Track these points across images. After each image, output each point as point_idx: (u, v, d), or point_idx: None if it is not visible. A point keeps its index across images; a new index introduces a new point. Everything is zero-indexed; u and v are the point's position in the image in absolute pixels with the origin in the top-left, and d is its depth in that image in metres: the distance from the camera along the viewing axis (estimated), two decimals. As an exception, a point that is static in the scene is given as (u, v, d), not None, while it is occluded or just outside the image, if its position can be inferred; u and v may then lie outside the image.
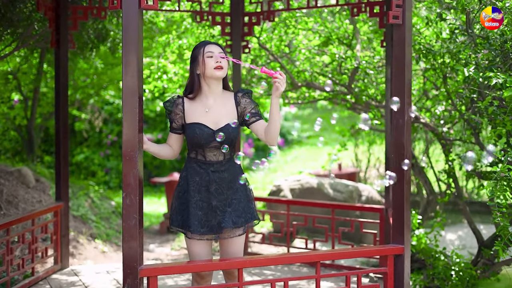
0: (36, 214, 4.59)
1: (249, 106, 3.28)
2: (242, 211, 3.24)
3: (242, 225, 3.24)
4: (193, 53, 3.27)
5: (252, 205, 3.32)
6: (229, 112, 3.26)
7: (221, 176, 3.23)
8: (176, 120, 3.28)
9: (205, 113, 3.24)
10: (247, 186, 3.32)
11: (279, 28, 5.89)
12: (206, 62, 3.19)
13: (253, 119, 3.26)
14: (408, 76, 3.46)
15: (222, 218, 3.20)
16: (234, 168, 3.29)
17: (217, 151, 3.24)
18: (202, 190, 3.23)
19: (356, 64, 5.32)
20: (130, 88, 2.91)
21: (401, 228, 3.47)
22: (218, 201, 3.22)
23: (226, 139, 3.19)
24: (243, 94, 3.31)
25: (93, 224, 6.92)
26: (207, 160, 3.24)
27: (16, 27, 5.20)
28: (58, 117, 4.95)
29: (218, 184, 3.22)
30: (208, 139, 3.19)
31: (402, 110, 3.44)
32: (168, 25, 7.37)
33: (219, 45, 3.29)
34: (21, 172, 6.49)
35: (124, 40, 2.90)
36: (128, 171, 2.91)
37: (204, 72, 3.21)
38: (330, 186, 6.85)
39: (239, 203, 3.24)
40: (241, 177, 3.23)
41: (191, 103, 3.28)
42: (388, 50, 4.74)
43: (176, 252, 6.62)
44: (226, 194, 3.24)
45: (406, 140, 3.45)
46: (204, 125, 3.21)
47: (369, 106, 5.55)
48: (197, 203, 3.22)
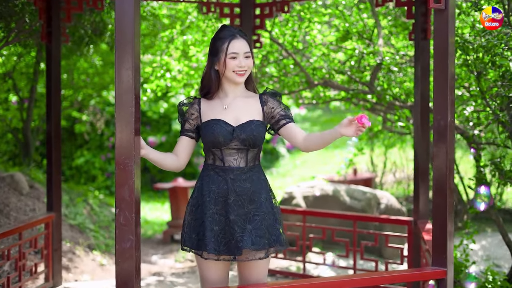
0: (23, 227, 4.10)
1: (277, 107, 2.80)
2: (265, 231, 2.70)
3: (264, 248, 2.69)
4: (215, 45, 2.77)
5: (279, 226, 2.78)
6: (253, 110, 2.78)
7: (242, 185, 2.72)
8: (191, 120, 2.80)
9: (224, 110, 2.76)
10: (274, 204, 2.80)
11: (293, 22, 5.38)
12: (227, 63, 2.72)
13: (283, 121, 2.78)
14: (452, 69, 2.97)
15: (241, 237, 2.67)
16: (258, 178, 2.77)
17: (238, 155, 2.74)
18: (219, 201, 2.72)
19: (379, 60, 4.81)
20: (124, 83, 2.42)
21: (443, 248, 2.97)
22: (236, 215, 2.69)
23: (248, 138, 2.70)
24: (271, 94, 2.83)
25: (91, 233, 6.43)
26: (226, 165, 2.73)
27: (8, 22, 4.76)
28: (49, 118, 4.47)
29: (238, 195, 2.71)
30: (227, 136, 2.70)
31: (444, 110, 2.95)
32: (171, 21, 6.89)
33: (247, 40, 2.79)
34: (14, 178, 6.01)
35: (117, 26, 2.41)
36: (122, 183, 2.42)
37: (224, 72, 2.75)
38: (347, 193, 6.33)
39: (263, 221, 2.71)
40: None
41: (208, 102, 2.81)
42: (417, 44, 4.23)
43: (180, 265, 6.12)
44: (247, 208, 2.71)
45: (449, 145, 2.95)
46: (223, 121, 2.73)
47: (393, 107, 5.04)
48: (213, 216, 2.70)
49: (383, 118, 5.88)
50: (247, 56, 2.74)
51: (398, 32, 5.44)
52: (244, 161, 2.74)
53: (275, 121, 2.79)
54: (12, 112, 8.27)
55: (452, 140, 2.98)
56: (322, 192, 6.32)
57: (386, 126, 6.14)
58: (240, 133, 2.70)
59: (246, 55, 2.74)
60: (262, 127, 2.75)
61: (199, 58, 5.67)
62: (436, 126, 2.98)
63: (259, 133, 2.73)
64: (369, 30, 5.31)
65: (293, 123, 2.80)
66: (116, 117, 2.41)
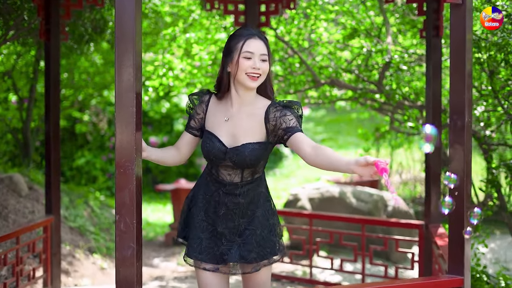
0: (21, 231, 3.96)
1: (279, 122, 2.49)
2: (255, 245, 2.56)
3: (253, 262, 2.55)
4: (229, 44, 2.55)
5: (275, 238, 2.63)
6: (254, 128, 2.53)
7: (235, 200, 2.57)
8: (196, 119, 2.64)
9: (224, 122, 2.56)
10: (272, 216, 2.65)
11: (298, 18, 5.23)
12: (240, 64, 2.48)
13: (286, 136, 2.49)
14: (469, 67, 2.82)
15: (228, 249, 2.55)
16: (254, 193, 2.60)
17: (233, 171, 2.56)
18: (210, 211, 2.60)
19: (388, 58, 4.66)
20: (125, 81, 2.27)
21: (460, 255, 2.82)
22: (225, 228, 2.57)
23: (240, 162, 2.50)
24: (277, 107, 2.53)
25: (92, 236, 6.29)
26: (220, 178, 2.58)
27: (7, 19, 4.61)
28: (48, 118, 4.32)
29: (229, 209, 2.57)
30: (219, 156, 2.53)
31: (461, 109, 2.80)
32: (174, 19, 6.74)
33: (265, 41, 2.54)
34: (13, 179, 5.87)
35: (117, 20, 2.26)
36: (122, 187, 2.27)
37: (236, 74, 2.51)
38: (353, 195, 6.18)
39: (253, 235, 2.56)
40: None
41: (217, 104, 2.62)
42: (428, 41, 4.08)
43: (182, 268, 5.97)
44: (238, 221, 2.58)
45: (466, 147, 2.81)
46: (217, 139, 2.54)
47: (402, 106, 4.89)
48: (201, 224, 2.59)
49: (391, 118, 5.73)
50: (264, 60, 2.50)
51: (406, 29, 5.29)
52: (238, 177, 2.57)
53: (280, 138, 2.53)
54: (11, 112, 8.14)
55: (469, 142, 2.83)
56: (328, 194, 6.17)
57: (394, 127, 5.99)
58: (233, 156, 2.51)
59: (263, 57, 2.50)
60: (260, 150, 2.51)
61: (202, 57, 5.52)
62: (452, 127, 2.83)
63: (253, 158, 2.50)
64: (377, 27, 5.15)
65: (298, 133, 2.47)
66: (116, 117, 2.27)
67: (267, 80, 2.58)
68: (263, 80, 2.53)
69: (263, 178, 2.67)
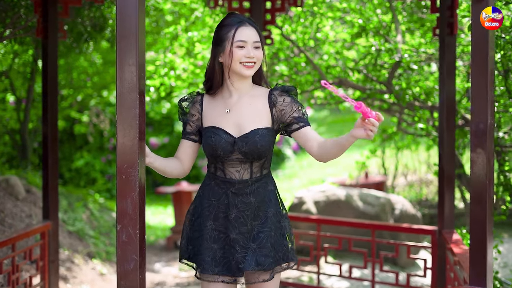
0: (17, 237, 3.78)
1: (289, 108, 2.40)
2: (270, 249, 2.39)
3: (270, 268, 2.38)
4: (219, 33, 2.41)
5: (287, 242, 2.46)
6: (259, 114, 2.40)
7: (245, 200, 2.40)
8: (192, 122, 2.47)
9: (225, 114, 2.41)
10: (283, 218, 2.48)
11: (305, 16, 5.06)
12: (234, 53, 2.35)
13: (296, 125, 2.39)
14: (491, 66, 2.66)
15: (243, 257, 2.36)
16: (265, 190, 2.44)
17: (241, 166, 2.40)
18: (220, 216, 2.41)
19: (398, 58, 4.50)
20: (127, 81, 2.10)
21: (482, 265, 2.66)
22: (238, 234, 2.39)
23: (251, 151, 2.36)
24: (280, 92, 2.43)
25: (91, 240, 6.12)
26: (227, 177, 2.41)
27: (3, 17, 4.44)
28: (46, 119, 4.13)
29: (240, 211, 2.39)
30: (226, 149, 2.36)
31: (483, 111, 2.64)
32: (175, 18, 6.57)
33: (256, 27, 2.42)
34: (9, 182, 5.69)
35: (119, 15, 2.09)
36: (124, 196, 2.11)
37: (230, 65, 2.38)
38: (360, 198, 6.01)
39: (268, 238, 2.39)
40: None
41: (211, 101, 2.46)
42: (442, 40, 3.92)
43: (185, 274, 5.80)
44: (251, 224, 2.40)
45: (489, 150, 2.64)
46: (223, 130, 2.38)
47: (413, 107, 4.73)
48: (211, 233, 2.41)
49: (399, 119, 5.56)
50: (257, 47, 2.39)
51: (416, 28, 5.12)
52: (248, 173, 2.41)
53: (286, 125, 2.42)
54: (9, 113, 7.98)
55: (491, 145, 2.67)
56: (334, 197, 6.00)
57: (401, 128, 5.82)
58: (242, 145, 2.36)
59: (256, 45, 2.39)
60: (268, 135, 2.39)
61: (205, 56, 5.35)
62: (474, 130, 2.66)
63: (264, 144, 2.37)
64: (386, 25, 4.99)
65: (308, 126, 2.40)
66: (118, 120, 2.10)
67: (260, 72, 2.49)
68: (258, 67, 2.43)
69: (271, 176, 2.52)
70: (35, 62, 6.65)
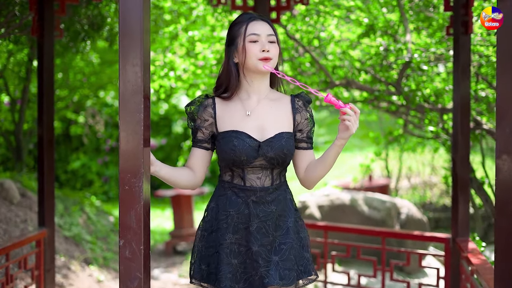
0: (11, 247, 3.59)
1: (306, 125, 2.31)
2: (294, 262, 2.22)
3: (293, 283, 2.21)
4: (231, 32, 2.27)
5: (307, 253, 2.30)
6: (281, 119, 2.26)
7: (267, 209, 2.22)
8: (204, 128, 2.27)
9: (246, 117, 2.24)
10: (301, 228, 2.32)
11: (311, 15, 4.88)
12: (247, 48, 2.20)
13: (304, 144, 2.31)
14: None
15: (266, 271, 2.17)
16: (285, 199, 2.28)
17: (262, 172, 2.23)
18: (239, 228, 2.22)
19: (408, 58, 4.33)
20: (131, 83, 1.92)
21: (509, 281, 2.49)
22: (260, 246, 2.20)
23: (277, 156, 2.20)
24: (305, 101, 2.31)
25: (88, 245, 5.93)
26: (247, 185, 2.23)
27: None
28: (41, 120, 3.95)
29: (261, 221, 2.21)
30: (251, 154, 2.19)
31: (510, 115, 2.47)
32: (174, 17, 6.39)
33: (269, 22, 2.27)
34: (3, 186, 5.50)
35: (121, 11, 1.92)
36: (127, 208, 1.93)
37: (244, 62, 2.22)
38: (365, 202, 5.85)
39: (291, 250, 2.22)
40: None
41: (226, 104, 2.28)
42: (456, 39, 3.75)
43: (184, 280, 5.62)
44: (273, 236, 2.22)
45: (515, 157, 2.47)
46: (246, 134, 2.20)
47: (423, 109, 4.56)
48: (231, 247, 2.21)
49: (405, 121, 5.40)
50: (272, 41, 2.23)
51: (425, 27, 4.96)
52: (269, 180, 2.25)
53: (296, 139, 2.31)
54: (3, 114, 7.79)
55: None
56: (339, 201, 5.83)
57: (408, 130, 5.66)
58: (268, 150, 2.20)
59: (270, 39, 2.23)
60: (292, 140, 2.27)
61: (206, 56, 5.16)
62: (499, 135, 2.49)
63: (290, 149, 2.24)
64: (394, 24, 4.82)
65: (311, 151, 2.35)
66: (121, 125, 1.92)
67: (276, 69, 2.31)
68: (275, 64, 2.25)
69: (287, 183, 2.37)
70: (31, 62, 6.46)
